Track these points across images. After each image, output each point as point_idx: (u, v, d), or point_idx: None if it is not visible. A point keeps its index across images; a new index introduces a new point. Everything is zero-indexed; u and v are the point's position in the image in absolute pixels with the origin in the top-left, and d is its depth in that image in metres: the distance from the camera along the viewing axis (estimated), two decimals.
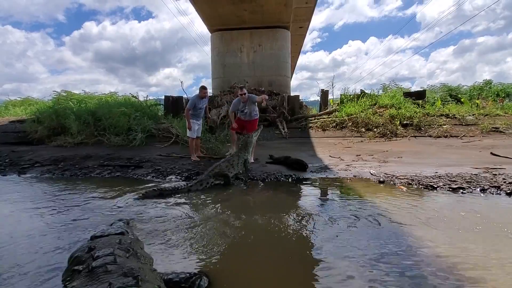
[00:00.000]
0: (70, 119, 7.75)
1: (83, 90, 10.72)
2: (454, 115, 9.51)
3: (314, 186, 3.89)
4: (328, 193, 3.58)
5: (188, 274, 1.63)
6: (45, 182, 4.49)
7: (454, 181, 3.74)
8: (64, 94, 9.97)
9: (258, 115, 5.75)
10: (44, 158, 5.91)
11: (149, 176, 4.67)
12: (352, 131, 8.87)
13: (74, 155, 6.10)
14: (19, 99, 14.36)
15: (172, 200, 3.37)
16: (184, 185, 3.72)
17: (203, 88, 5.73)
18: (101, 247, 1.51)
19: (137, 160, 5.64)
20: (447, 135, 7.90)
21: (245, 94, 5.51)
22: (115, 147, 6.99)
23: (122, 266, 1.32)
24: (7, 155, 6.26)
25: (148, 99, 10.45)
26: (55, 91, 10.12)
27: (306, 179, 4.25)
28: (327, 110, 11.07)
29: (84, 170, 5.11)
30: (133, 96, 10.21)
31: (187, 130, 5.72)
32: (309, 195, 3.51)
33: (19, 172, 5.09)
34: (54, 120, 8.09)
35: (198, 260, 1.98)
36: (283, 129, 9.31)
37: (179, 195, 3.53)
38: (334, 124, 9.48)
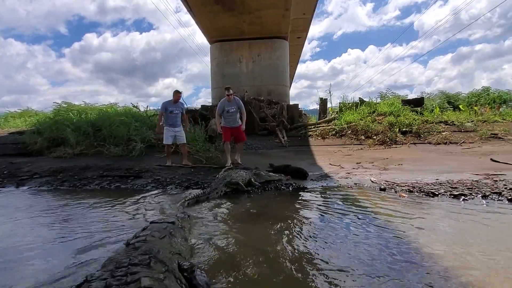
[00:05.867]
0: (67, 131, 7.76)
1: (83, 101, 10.79)
2: (453, 121, 9.54)
3: (315, 195, 3.86)
4: (329, 201, 3.55)
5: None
6: (43, 194, 4.45)
7: (455, 187, 3.71)
8: (64, 105, 10.02)
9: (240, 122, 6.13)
10: (43, 170, 5.88)
11: (148, 186, 4.63)
12: (351, 139, 8.88)
13: (73, 166, 6.08)
14: (18, 111, 14.41)
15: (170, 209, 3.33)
16: (224, 184, 4.05)
17: (177, 92, 5.93)
18: (149, 229, 1.90)
19: (137, 170, 5.61)
20: (446, 142, 7.90)
21: (231, 95, 5.78)
22: (115, 157, 6.98)
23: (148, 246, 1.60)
24: (5, 166, 6.23)
25: (148, 109, 10.52)
26: (55, 102, 10.17)
27: (307, 188, 4.22)
28: (326, 118, 11.12)
29: (83, 181, 5.08)
30: (134, 106, 10.27)
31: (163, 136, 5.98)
32: (309, 204, 3.47)
33: (18, 184, 5.05)
34: (54, 131, 8.08)
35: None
36: (283, 137, 9.32)
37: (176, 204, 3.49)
38: (334, 132, 9.50)
